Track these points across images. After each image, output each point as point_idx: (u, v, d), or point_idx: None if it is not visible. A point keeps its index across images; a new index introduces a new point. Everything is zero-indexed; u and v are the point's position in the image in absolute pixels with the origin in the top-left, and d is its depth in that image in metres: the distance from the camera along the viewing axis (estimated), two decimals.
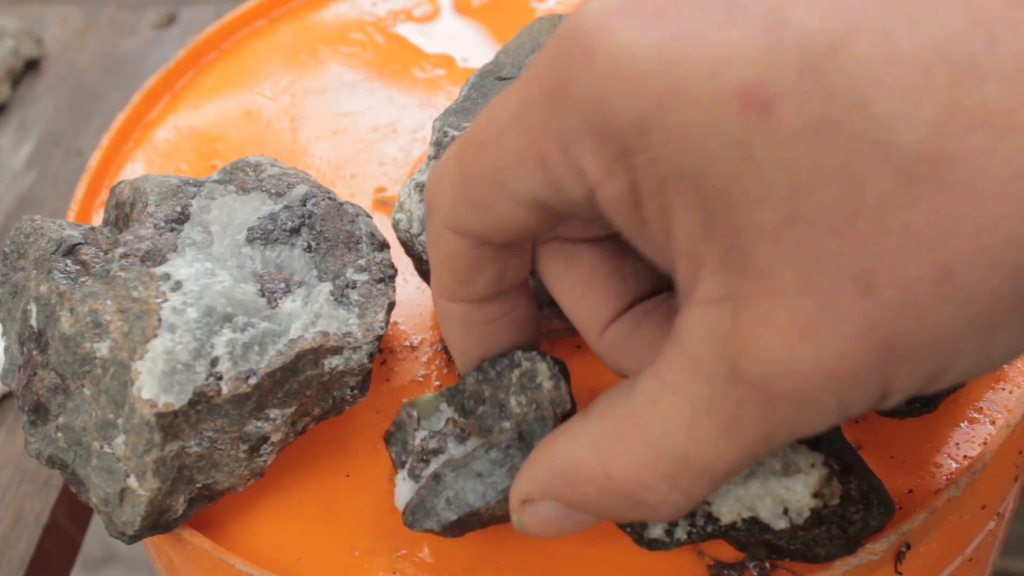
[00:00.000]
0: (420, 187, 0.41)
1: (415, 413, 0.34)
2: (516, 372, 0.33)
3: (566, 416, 0.32)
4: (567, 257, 0.31)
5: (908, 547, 0.35)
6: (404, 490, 0.34)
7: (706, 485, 0.26)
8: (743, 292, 0.23)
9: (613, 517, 0.29)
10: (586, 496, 0.28)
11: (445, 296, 0.32)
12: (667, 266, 0.26)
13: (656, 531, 0.34)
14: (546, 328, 0.40)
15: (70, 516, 0.50)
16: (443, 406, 0.34)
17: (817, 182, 0.21)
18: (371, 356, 0.38)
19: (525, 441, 0.32)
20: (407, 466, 0.34)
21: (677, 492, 0.26)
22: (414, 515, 0.33)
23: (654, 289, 0.31)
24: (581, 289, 0.31)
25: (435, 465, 0.33)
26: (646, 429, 0.26)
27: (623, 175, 0.24)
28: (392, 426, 0.35)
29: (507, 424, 0.33)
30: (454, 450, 0.33)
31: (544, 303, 0.37)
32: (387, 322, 0.38)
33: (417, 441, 0.34)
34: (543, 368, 0.32)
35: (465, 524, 0.33)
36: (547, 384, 0.32)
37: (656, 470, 0.26)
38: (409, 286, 0.45)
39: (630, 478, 0.27)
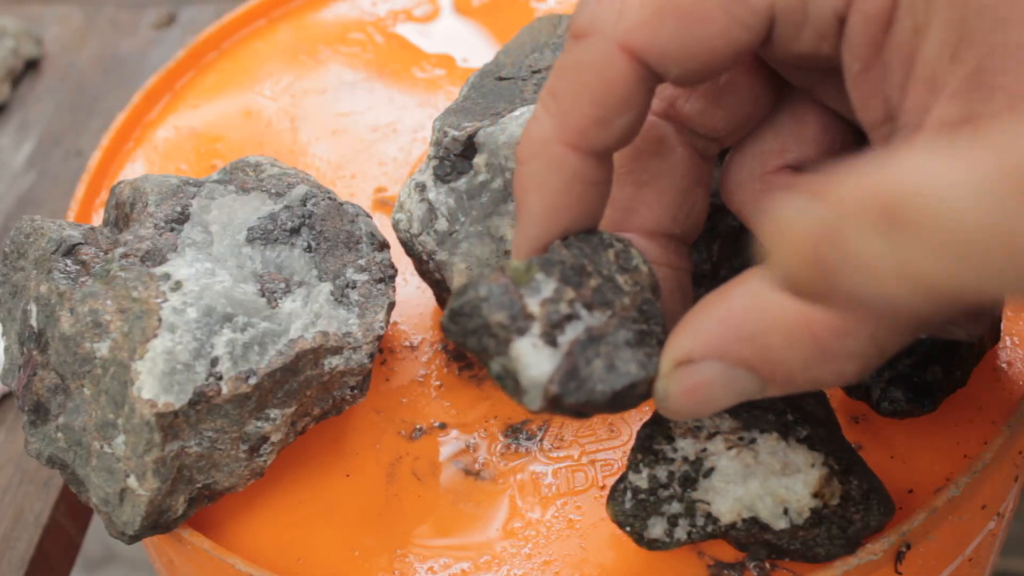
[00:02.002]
0: (420, 187, 0.41)
1: (507, 279, 0.28)
2: (611, 252, 0.30)
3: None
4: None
5: (908, 547, 0.35)
6: (542, 357, 0.27)
7: (904, 335, 0.25)
8: (986, 112, 0.22)
9: (786, 377, 0.26)
10: (767, 349, 0.25)
11: (571, 137, 0.28)
12: (871, 109, 0.25)
13: (656, 531, 0.34)
14: None
15: (70, 516, 0.50)
16: (539, 275, 0.28)
17: None
18: (371, 356, 0.38)
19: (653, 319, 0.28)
20: (536, 331, 0.27)
21: (874, 344, 0.25)
22: (565, 385, 0.27)
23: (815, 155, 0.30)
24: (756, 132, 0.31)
25: (573, 332, 0.28)
26: None
27: None
28: (471, 290, 0.28)
29: (626, 300, 0.29)
30: (588, 318, 0.28)
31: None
32: (387, 322, 0.38)
33: (536, 307, 0.28)
34: (635, 251, 0.30)
35: (619, 400, 0.28)
36: (643, 268, 0.30)
37: (862, 314, 0.24)
38: (409, 286, 0.45)
39: (832, 324, 0.25)
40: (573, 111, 0.28)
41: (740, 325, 0.26)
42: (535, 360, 0.27)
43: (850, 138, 0.31)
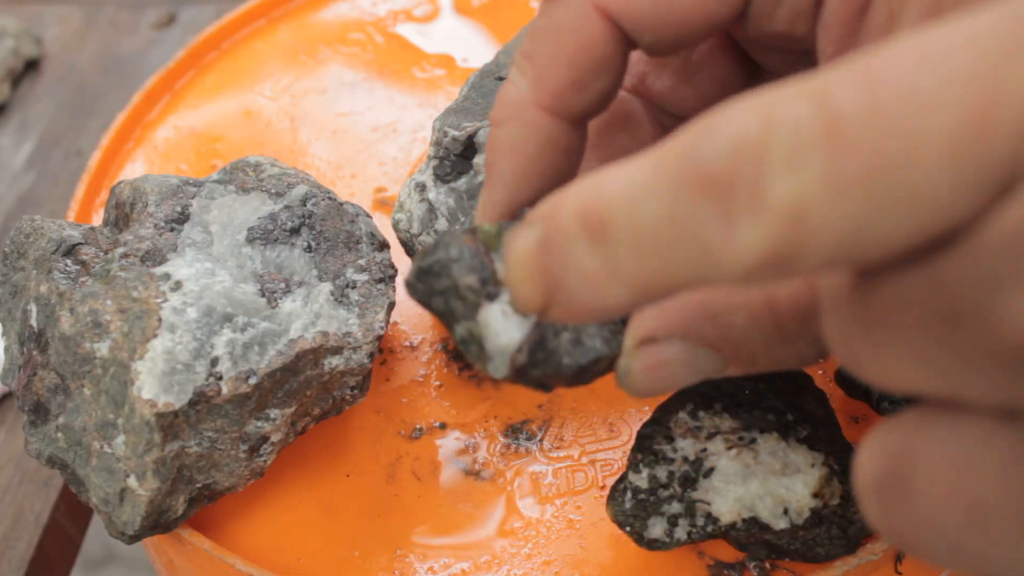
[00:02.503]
0: (420, 187, 0.41)
1: (478, 242, 0.27)
2: None
3: None
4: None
5: None
6: (511, 326, 0.26)
7: None
8: None
9: (748, 358, 0.26)
10: (730, 329, 0.25)
11: (547, 100, 0.27)
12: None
13: (656, 531, 0.34)
14: None
15: (70, 516, 0.50)
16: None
17: None
18: (371, 356, 0.38)
19: None
20: (505, 299, 0.26)
21: None
22: (533, 355, 0.27)
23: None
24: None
25: None
26: None
27: None
28: (440, 250, 0.26)
29: None
30: None
31: None
32: (387, 322, 0.38)
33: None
34: None
35: (581, 374, 0.28)
36: None
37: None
38: None
39: (795, 306, 0.25)
40: (549, 73, 0.27)
41: (703, 305, 0.26)
42: (504, 328, 0.27)
43: None
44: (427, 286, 0.27)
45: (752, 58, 0.31)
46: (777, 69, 0.30)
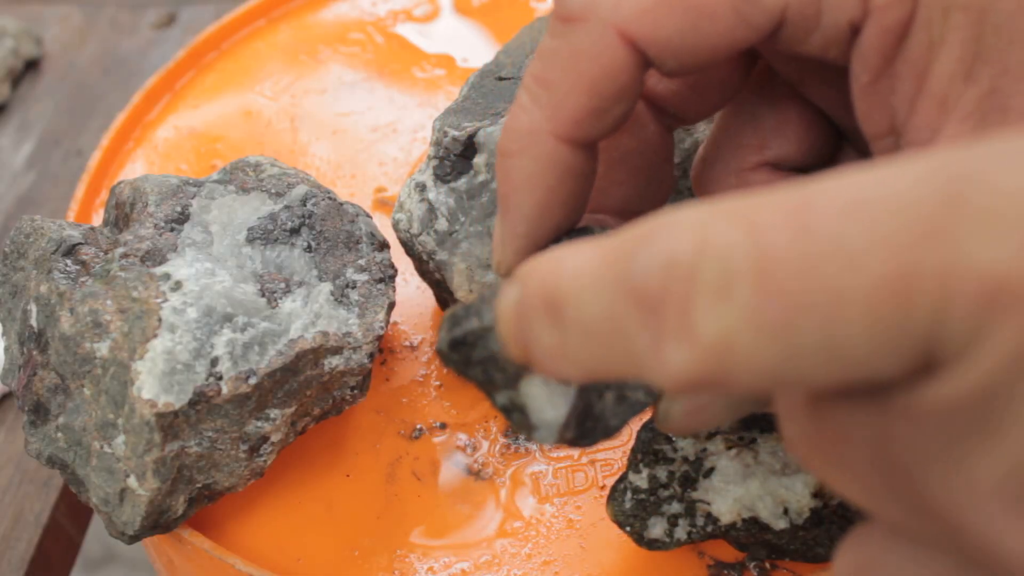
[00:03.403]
0: (420, 187, 0.41)
1: None
2: None
3: None
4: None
5: None
6: (555, 397, 0.25)
7: None
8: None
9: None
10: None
11: (565, 129, 0.26)
12: (876, 121, 0.25)
13: (656, 531, 0.34)
14: None
15: (70, 516, 0.50)
16: None
17: None
18: (371, 356, 0.38)
19: None
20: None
21: None
22: (582, 425, 0.26)
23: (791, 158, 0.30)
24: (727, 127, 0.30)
25: None
26: None
27: (908, 1, 0.24)
28: (473, 318, 0.25)
29: None
30: None
31: None
32: (387, 322, 0.38)
33: None
34: None
35: (625, 425, 0.27)
36: None
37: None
38: (409, 286, 0.45)
39: None
40: (567, 101, 0.26)
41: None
42: (548, 400, 0.26)
43: (832, 139, 0.30)
44: (463, 356, 0.25)
45: (756, 58, 0.30)
46: (795, 77, 0.30)
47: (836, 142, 0.31)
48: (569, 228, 0.29)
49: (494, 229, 0.29)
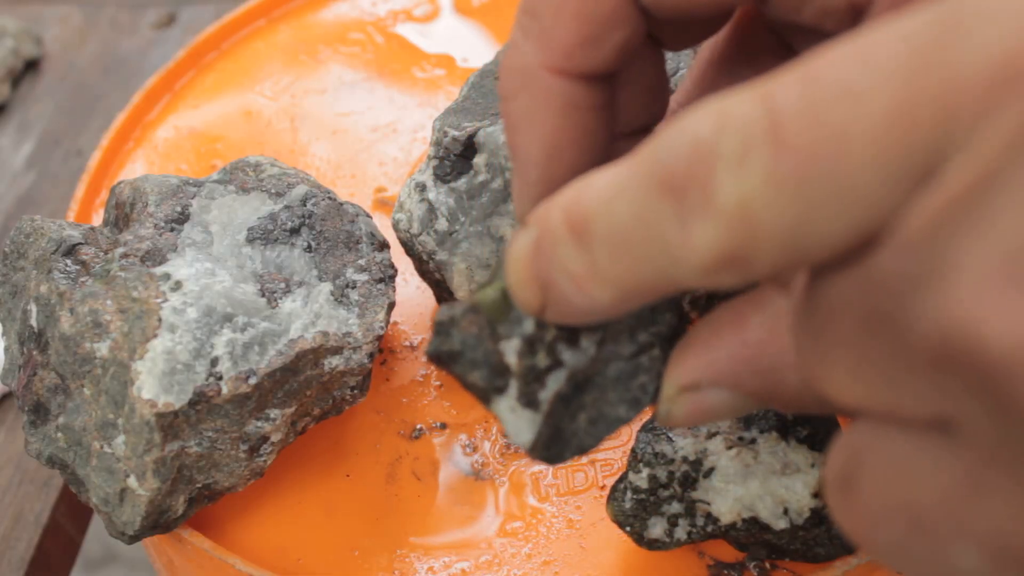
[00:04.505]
0: (420, 187, 0.41)
1: (482, 318, 0.24)
2: None
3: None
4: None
5: None
6: (521, 423, 0.25)
7: None
8: None
9: (797, 408, 0.25)
10: (781, 386, 0.24)
11: (557, 61, 0.25)
12: None
13: (656, 531, 0.34)
14: None
15: (70, 516, 0.50)
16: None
17: None
18: (371, 356, 0.38)
19: (657, 323, 0.25)
20: (513, 393, 0.25)
21: None
22: (548, 449, 0.25)
23: None
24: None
25: (555, 384, 0.25)
26: None
27: None
28: (439, 339, 0.25)
29: None
30: (572, 359, 0.25)
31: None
32: (387, 322, 0.38)
33: (513, 357, 0.25)
34: None
35: (604, 438, 0.26)
36: None
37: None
38: (409, 286, 0.45)
39: None
40: (556, 29, 0.24)
41: (755, 359, 0.24)
42: (515, 426, 0.25)
43: None
44: (446, 369, 0.25)
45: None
46: (787, 33, 0.28)
47: None
48: (588, 170, 0.27)
49: (511, 181, 0.28)
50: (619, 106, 0.28)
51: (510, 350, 0.25)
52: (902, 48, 0.16)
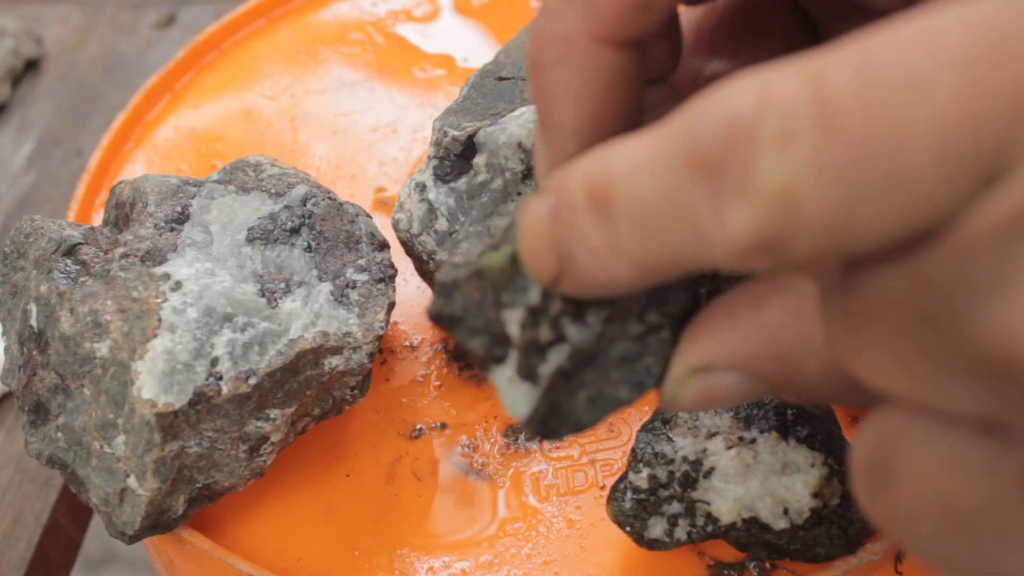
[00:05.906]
0: (420, 187, 0.41)
1: (485, 284, 0.23)
2: None
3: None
4: None
5: None
6: (519, 395, 0.24)
7: None
8: None
9: (809, 398, 0.24)
10: (798, 373, 0.23)
11: (606, 29, 0.23)
12: None
13: (656, 531, 0.34)
14: None
15: (70, 516, 0.50)
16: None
17: None
18: (371, 356, 0.38)
19: (669, 303, 0.24)
20: (512, 364, 0.24)
21: None
22: (545, 425, 0.24)
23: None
24: None
25: (557, 359, 0.24)
26: None
27: None
28: (441, 300, 0.24)
29: None
30: (576, 335, 0.24)
31: None
32: (387, 322, 0.38)
33: (515, 328, 0.23)
34: None
35: (604, 419, 0.26)
36: None
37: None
38: (409, 286, 0.45)
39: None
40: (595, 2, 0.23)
41: (773, 343, 0.23)
42: (511, 398, 0.24)
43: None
44: (447, 330, 0.24)
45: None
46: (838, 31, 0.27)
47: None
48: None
49: (534, 148, 0.26)
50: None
51: (512, 320, 0.24)
52: (970, 35, 0.16)
